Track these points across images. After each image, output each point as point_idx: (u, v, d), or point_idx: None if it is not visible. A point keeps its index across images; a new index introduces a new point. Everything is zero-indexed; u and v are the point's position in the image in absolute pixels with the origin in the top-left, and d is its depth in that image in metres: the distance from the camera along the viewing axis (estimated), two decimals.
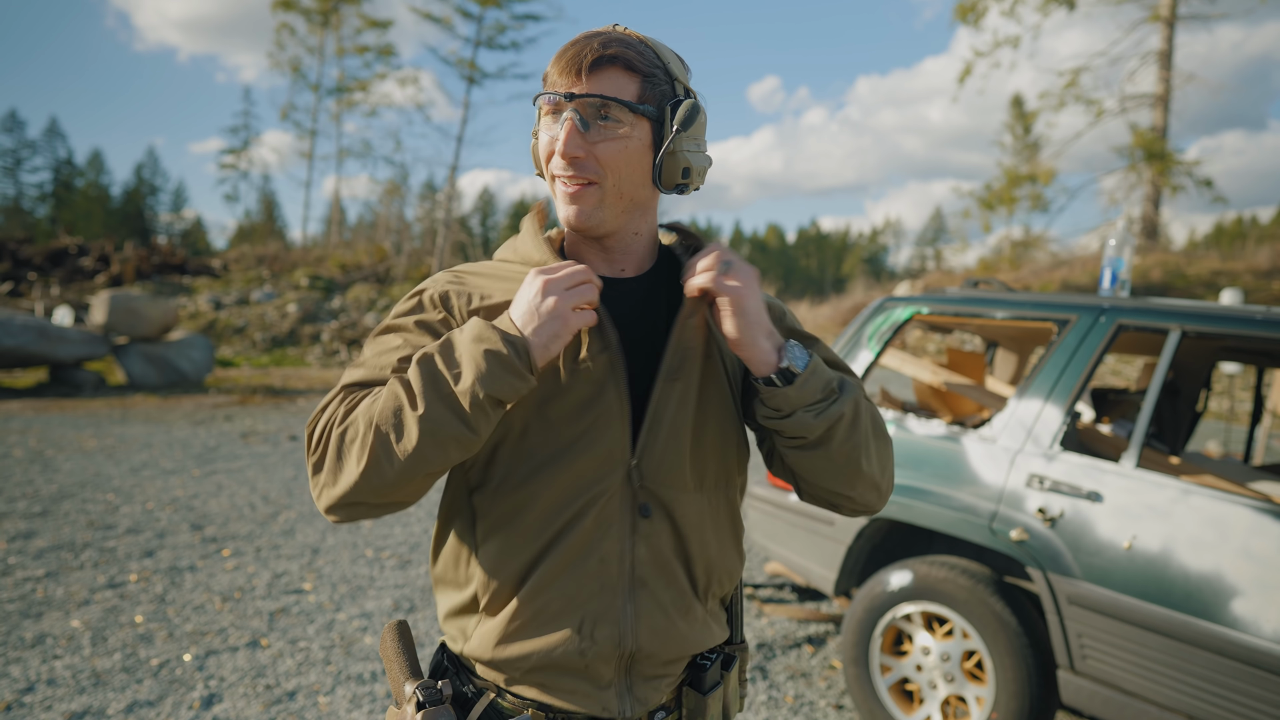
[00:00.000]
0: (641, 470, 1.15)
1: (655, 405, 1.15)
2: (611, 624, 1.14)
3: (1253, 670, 2.39)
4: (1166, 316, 2.94)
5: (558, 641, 1.13)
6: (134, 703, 3.26)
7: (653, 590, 1.17)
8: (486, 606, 1.16)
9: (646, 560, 1.16)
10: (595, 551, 1.14)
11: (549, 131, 1.15)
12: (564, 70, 1.11)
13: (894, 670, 3.22)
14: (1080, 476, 2.84)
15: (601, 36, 1.13)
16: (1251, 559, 2.46)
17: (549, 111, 1.14)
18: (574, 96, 1.10)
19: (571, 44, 1.13)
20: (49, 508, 6.03)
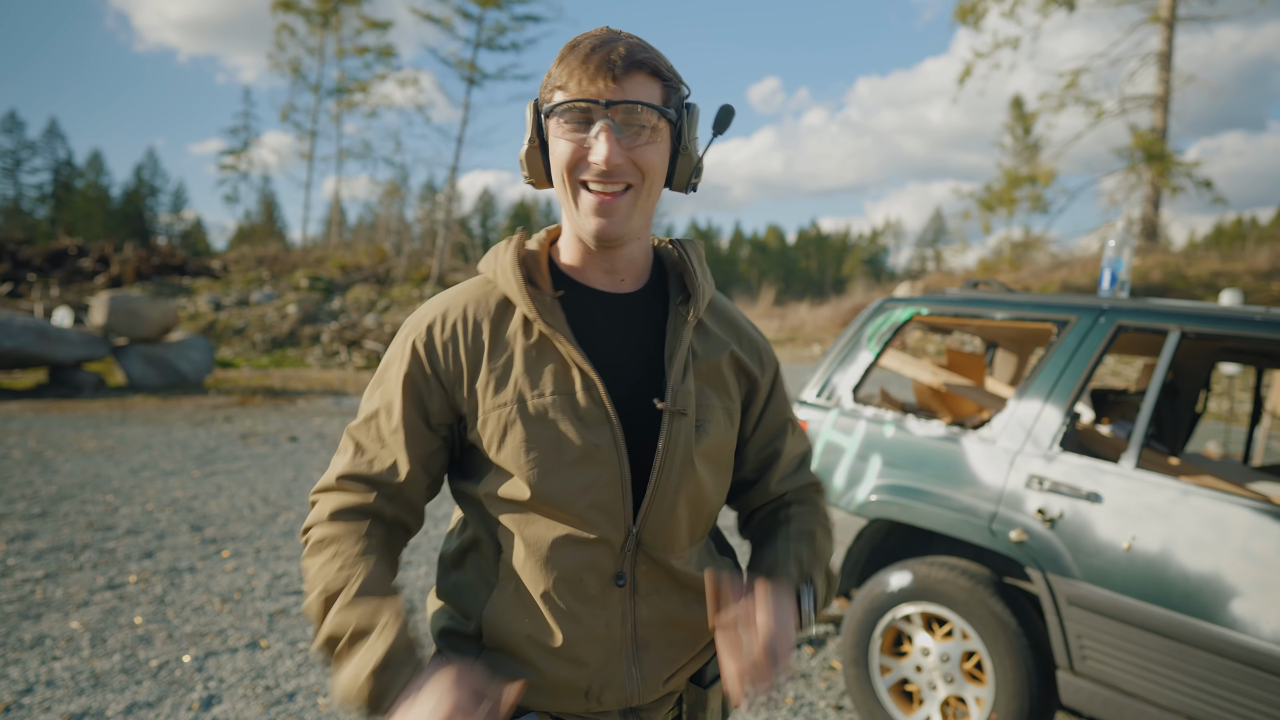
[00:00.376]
0: (641, 536, 1.17)
1: (657, 477, 1.16)
2: (618, 688, 1.17)
3: (1252, 671, 2.38)
4: (1166, 317, 2.94)
5: (568, 701, 1.17)
6: (133, 704, 3.26)
7: (656, 649, 1.20)
8: (490, 643, 1.18)
9: (648, 621, 1.19)
10: (600, 617, 1.16)
11: (570, 139, 1.10)
12: (593, 76, 1.07)
13: (893, 671, 3.22)
14: (1080, 477, 2.83)
15: (620, 41, 1.10)
16: (1251, 560, 2.46)
17: (574, 119, 1.10)
18: (611, 104, 1.08)
19: (589, 48, 1.09)
20: (48, 509, 6.03)
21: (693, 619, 1.23)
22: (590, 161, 1.09)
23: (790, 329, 26.57)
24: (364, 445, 1.18)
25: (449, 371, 1.16)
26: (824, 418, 3.61)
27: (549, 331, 1.13)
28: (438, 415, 1.18)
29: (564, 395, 1.13)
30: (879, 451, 3.39)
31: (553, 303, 1.16)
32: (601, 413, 1.13)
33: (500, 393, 1.13)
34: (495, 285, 1.21)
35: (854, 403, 3.59)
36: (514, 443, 1.12)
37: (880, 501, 3.29)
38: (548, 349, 1.15)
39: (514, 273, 1.16)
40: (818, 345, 22.63)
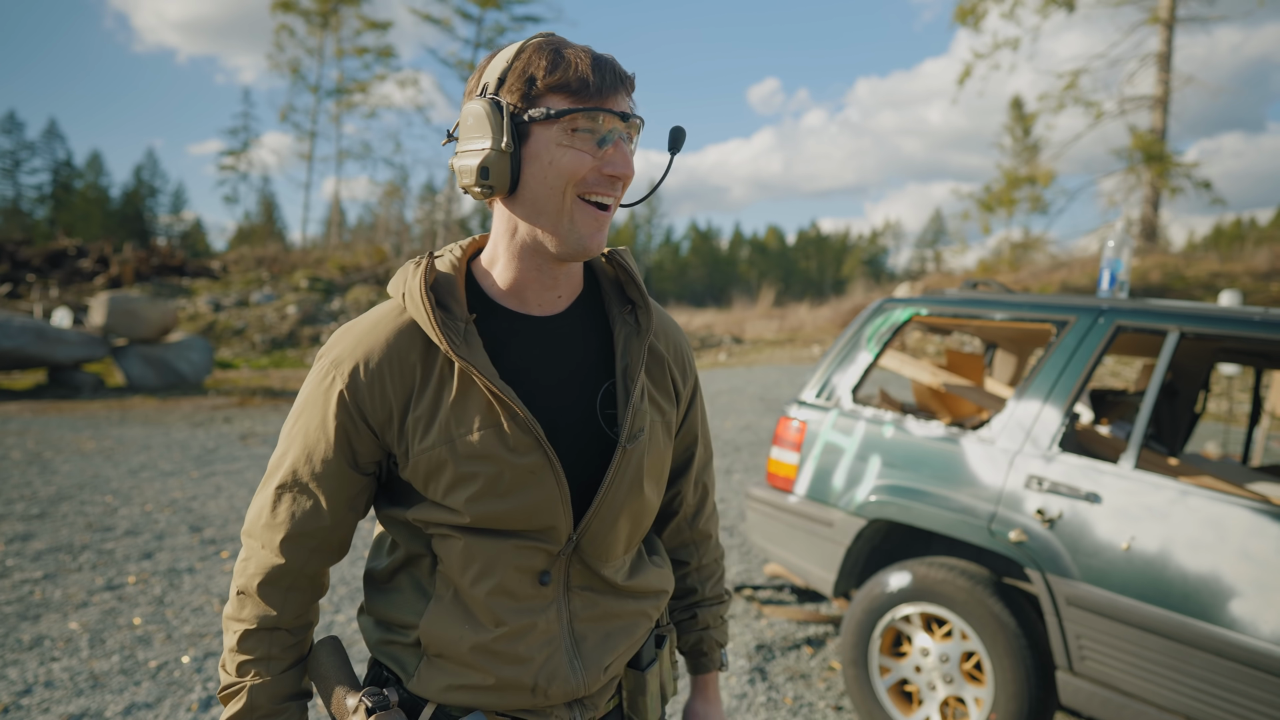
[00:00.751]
0: (580, 546, 1.18)
1: (605, 492, 1.16)
2: (563, 679, 1.17)
3: (1251, 671, 2.39)
4: (1165, 318, 2.94)
5: (512, 698, 1.16)
6: (132, 704, 3.26)
7: (593, 640, 1.21)
8: (430, 651, 1.17)
9: (584, 615, 1.20)
10: (538, 616, 1.16)
11: (584, 149, 1.06)
12: (612, 87, 1.06)
13: (893, 671, 3.22)
14: (1079, 478, 2.83)
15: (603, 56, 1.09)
16: (1250, 560, 2.46)
17: (587, 129, 1.06)
18: (628, 117, 1.08)
19: (590, 58, 1.06)
20: (47, 510, 6.03)
21: (626, 612, 1.25)
22: (608, 175, 1.08)
23: (790, 330, 26.57)
24: (291, 500, 1.15)
25: (376, 415, 1.12)
26: (823, 418, 3.61)
27: (463, 365, 1.08)
28: (365, 457, 1.15)
29: (491, 428, 1.10)
30: (878, 452, 3.39)
31: (468, 330, 1.11)
32: (530, 439, 1.11)
33: (428, 434, 1.10)
34: (405, 315, 1.15)
35: (853, 403, 3.59)
36: (447, 482, 1.10)
37: (879, 502, 3.29)
38: (467, 380, 1.11)
39: (423, 301, 1.09)
40: (817, 346, 22.64)
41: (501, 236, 1.15)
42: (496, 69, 1.09)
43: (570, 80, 1.04)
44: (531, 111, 1.05)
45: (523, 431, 1.10)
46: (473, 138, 1.09)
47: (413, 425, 1.11)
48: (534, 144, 1.07)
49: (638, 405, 1.18)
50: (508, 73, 1.07)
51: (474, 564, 1.13)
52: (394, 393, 1.11)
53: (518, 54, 1.07)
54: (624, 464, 1.17)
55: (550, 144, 1.06)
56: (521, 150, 1.07)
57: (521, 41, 1.10)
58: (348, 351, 1.13)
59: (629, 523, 1.22)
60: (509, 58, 1.08)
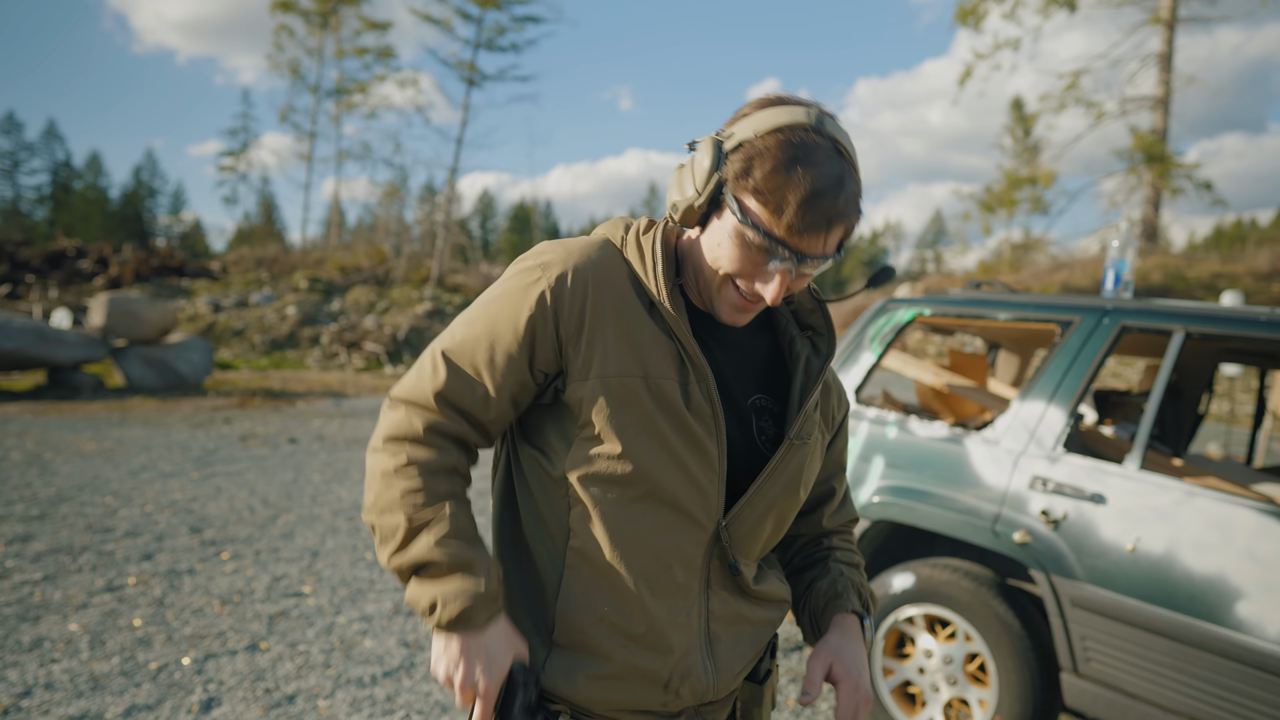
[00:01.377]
0: (730, 533, 1.18)
1: (762, 483, 1.19)
2: (696, 679, 1.18)
3: (1257, 673, 2.37)
4: (1170, 318, 2.93)
5: (646, 694, 1.17)
6: (132, 706, 3.24)
7: (725, 643, 1.21)
8: (562, 638, 1.17)
9: (720, 615, 1.21)
10: (681, 603, 1.17)
11: (749, 256, 1.08)
12: (809, 229, 1.04)
13: (896, 673, 3.21)
14: (1083, 478, 2.82)
15: (843, 187, 1.05)
16: (1256, 561, 2.45)
17: (761, 246, 1.06)
18: (805, 259, 1.06)
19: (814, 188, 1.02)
20: (47, 511, 6.01)
21: (755, 618, 1.25)
22: (756, 290, 1.11)
23: None
24: (460, 371, 1.14)
25: (570, 324, 1.12)
26: None
27: (670, 315, 1.12)
28: (543, 364, 1.15)
29: (678, 382, 1.13)
30: (881, 453, 3.38)
31: (673, 292, 1.15)
32: (710, 409, 1.14)
33: (618, 361, 1.12)
34: (620, 255, 1.19)
35: (856, 404, 3.58)
36: (627, 413, 1.11)
37: (883, 503, 3.28)
38: (666, 335, 1.15)
39: (654, 252, 1.15)
40: None
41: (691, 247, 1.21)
42: (745, 130, 1.07)
43: (773, 201, 1.03)
44: (730, 199, 1.07)
45: (704, 399, 1.14)
46: (688, 173, 1.12)
47: (604, 349, 1.12)
48: (724, 216, 1.10)
49: (810, 413, 1.23)
50: (745, 143, 1.06)
51: (619, 535, 1.13)
52: (593, 311, 1.13)
53: (767, 133, 1.05)
54: (787, 458, 1.20)
55: (730, 234, 1.09)
56: (714, 211, 1.11)
57: (786, 119, 1.06)
58: (559, 259, 1.15)
59: (774, 521, 1.24)
60: (760, 130, 1.06)
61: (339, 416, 11.58)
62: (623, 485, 1.12)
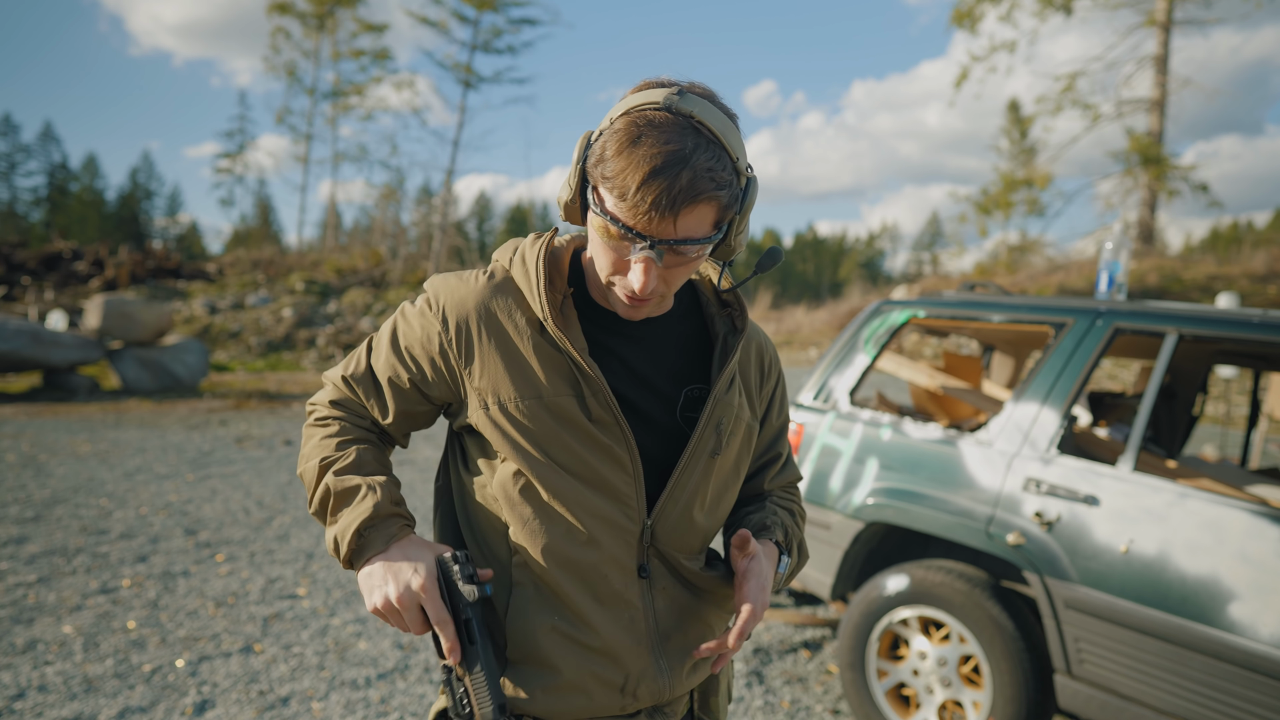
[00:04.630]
0: (655, 532, 1.18)
1: (679, 475, 1.18)
2: (651, 679, 1.18)
3: (1249, 674, 2.38)
4: (1163, 320, 2.93)
5: (603, 700, 1.17)
6: (126, 709, 3.23)
7: (675, 640, 1.21)
8: (515, 655, 1.17)
9: (666, 614, 1.21)
10: (625, 611, 1.17)
11: (613, 248, 1.06)
12: (647, 210, 0.99)
13: (890, 675, 3.21)
14: (1077, 480, 2.83)
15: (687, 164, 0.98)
16: (1248, 562, 2.45)
17: (618, 235, 1.03)
18: (658, 243, 1.02)
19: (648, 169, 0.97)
20: (42, 513, 6.00)
21: (704, 613, 1.25)
22: (628, 283, 1.07)
23: (787, 332, 26.56)
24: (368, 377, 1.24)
25: (461, 358, 1.16)
26: (820, 421, 3.60)
27: (557, 334, 1.12)
28: (434, 389, 1.20)
29: (573, 397, 1.13)
30: (875, 454, 3.38)
31: (565, 304, 1.16)
32: (611, 418, 1.14)
33: (513, 386, 1.13)
34: (509, 278, 1.20)
35: (851, 405, 3.58)
36: (531, 436, 1.13)
37: (877, 505, 3.28)
38: (558, 351, 1.15)
39: (536, 270, 1.15)
40: (814, 349, 22.65)
41: None
42: (611, 114, 1.05)
43: (615, 184, 1.00)
44: (589, 188, 1.05)
45: (602, 407, 1.13)
46: (571, 165, 1.10)
47: (500, 376, 1.14)
48: (591, 220, 1.09)
49: (722, 396, 1.21)
50: (606, 129, 1.04)
51: (552, 550, 1.14)
52: (485, 340, 1.15)
53: (621, 114, 1.03)
54: (699, 448, 1.18)
55: (595, 230, 1.08)
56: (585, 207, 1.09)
57: (641, 100, 1.02)
58: (447, 290, 1.20)
59: (706, 508, 1.22)
60: (616, 113, 1.04)
61: None
62: (543, 503, 1.14)
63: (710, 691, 1.31)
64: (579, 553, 1.14)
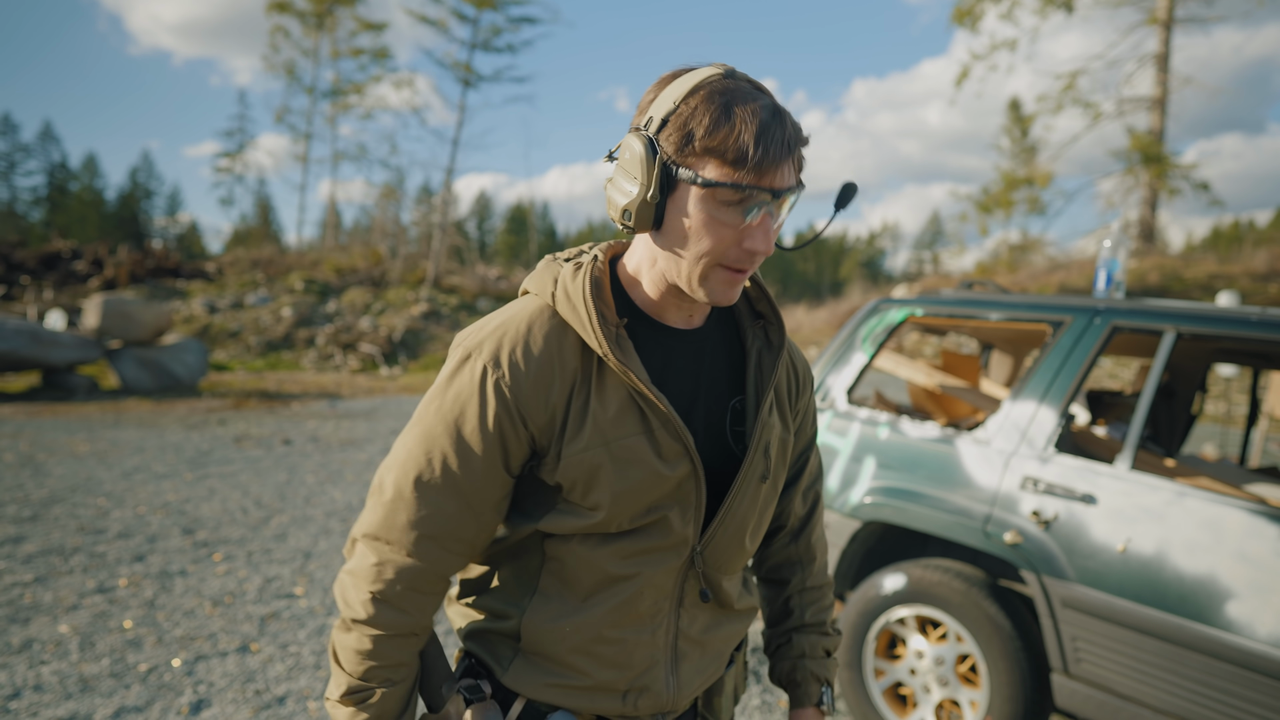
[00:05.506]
0: (705, 557, 1.17)
1: (732, 502, 1.16)
2: (655, 695, 1.18)
3: (1247, 674, 2.37)
4: (1161, 318, 2.92)
5: (604, 703, 1.16)
6: (121, 708, 3.23)
7: (692, 661, 1.21)
8: (528, 646, 1.17)
9: (689, 635, 1.20)
10: (648, 625, 1.16)
11: (728, 222, 1.02)
12: (774, 160, 0.98)
13: (888, 674, 3.20)
14: (1074, 479, 2.82)
15: (786, 114, 1.01)
16: (1246, 561, 2.44)
17: (734, 200, 1.00)
18: (780, 194, 1.01)
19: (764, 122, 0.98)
20: (39, 512, 5.99)
21: (723, 633, 1.25)
22: (747, 249, 1.04)
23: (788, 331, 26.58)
24: (433, 498, 1.09)
25: (537, 415, 1.08)
26: (818, 420, 3.58)
27: (620, 369, 1.07)
28: (517, 458, 1.11)
29: (644, 434, 1.10)
30: (873, 453, 3.37)
31: (620, 334, 1.09)
32: (680, 448, 1.11)
33: (581, 434, 1.08)
34: (555, 311, 1.12)
35: (848, 404, 3.57)
36: (599, 485, 1.08)
37: (874, 504, 3.27)
38: (620, 385, 1.10)
39: (586, 306, 1.07)
40: (814, 348, 22.64)
41: (645, 259, 1.14)
42: (663, 105, 1.02)
43: (728, 149, 0.98)
44: (682, 172, 1.01)
45: (673, 439, 1.10)
46: (625, 174, 1.05)
47: (566, 425, 1.09)
48: (678, 198, 1.03)
49: (766, 419, 1.19)
50: (671, 115, 1.01)
51: (594, 569, 1.12)
52: (554, 393, 1.09)
53: (688, 95, 1.01)
54: (749, 475, 1.17)
55: (694, 206, 1.02)
56: (668, 197, 1.04)
57: (698, 78, 1.02)
58: (506, 348, 1.09)
59: (750, 536, 1.22)
60: (677, 97, 1.01)
61: (334, 418, 11.56)
62: (596, 539, 1.12)
63: (715, 692, 1.29)
64: (618, 582, 1.13)
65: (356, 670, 1.11)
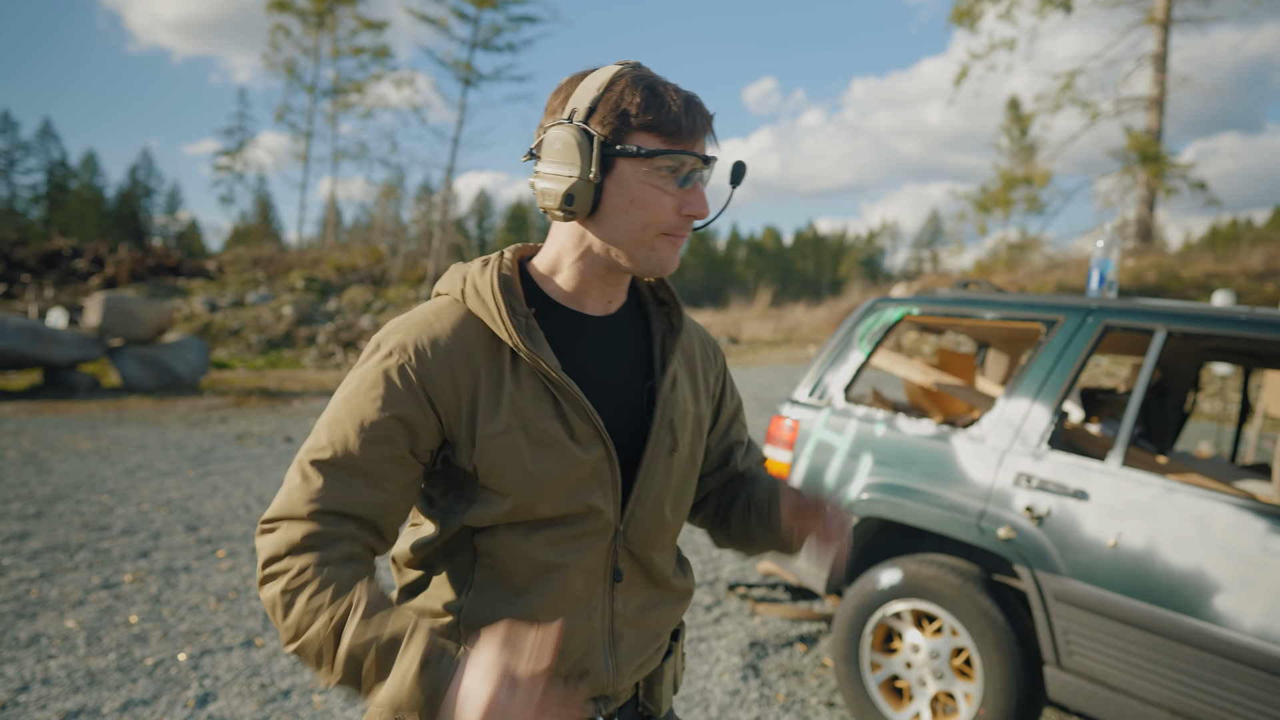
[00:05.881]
0: (628, 536, 1.22)
1: (644, 477, 1.21)
2: (595, 678, 1.21)
3: (1234, 665, 2.42)
4: (1152, 317, 2.97)
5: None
6: (129, 701, 3.28)
7: (629, 642, 1.24)
8: (470, 642, 1.17)
9: (625, 616, 1.24)
10: (583, 609, 1.19)
11: (668, 190, 1.12)
12: (698, 133, 1.12)
13: (884, 668, 3.25)
14: (1067, 475, 2.87)
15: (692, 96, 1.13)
16: (1233, 555, 2.49)
17: (670, 170, 1.11)
18: (710, 160, 1.14)
19: (683, 101, 1.11)
20: (43, 509, 6.04)
21: (659, 614, 1.29)
22: (686, 214, 1.13)
23: (786, 330, 26.59)
24: (335, 474, 1.09)
25: (445, 399, 1.11)
26: (816, 417, 3.64)
27: (529, 356, 1.12)
28: (424, 444, 1.13)
29: (558, 419, 1.14)
30: (870, 450, 3.42)
31: (530, 324, 1.15)
32: (592, 430, 1.16)
33: (497, 417, 1.12)
34: (465, 307, 1.17)
35: (845, 402, 3.62)
36: (514, 470, 1.12)
37: (871, 500, 3.32)
38: (533, 373, 1.15)
39: (494, 297, 1.13)
40: (813, 346, 22.68)
41: (568, 248, 1.20)
42: (586, 96, 1.11)
43: (664, 122, 1.09)
44: (623, 148, 1.09)
45: (585, 423, 1.15)
46: (559, 163, 1.12)
47: (478, 412, 1.13)
48: (618, 175, 1.11)
49: (668, 395, 1.24)
50: (599, 102, 1.10)
51: (524, 559, 1.15)
52: (462, 378, 1.13)
53: (610, 84, 1.10)
54: (657, 449, 1.22)
55: (634, 179, 1.11)
56: (606, 177, 1.11)
57: (613, 71, 1.12)
58: (412, 337, 1.13)
59: (671, 507, 1.26)
60: (600, 86, 1.10)
61: None
62: (517, 526, 1.15)
63: (655, 681, 1.32)
64: (552, 563, 1.16)
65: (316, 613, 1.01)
